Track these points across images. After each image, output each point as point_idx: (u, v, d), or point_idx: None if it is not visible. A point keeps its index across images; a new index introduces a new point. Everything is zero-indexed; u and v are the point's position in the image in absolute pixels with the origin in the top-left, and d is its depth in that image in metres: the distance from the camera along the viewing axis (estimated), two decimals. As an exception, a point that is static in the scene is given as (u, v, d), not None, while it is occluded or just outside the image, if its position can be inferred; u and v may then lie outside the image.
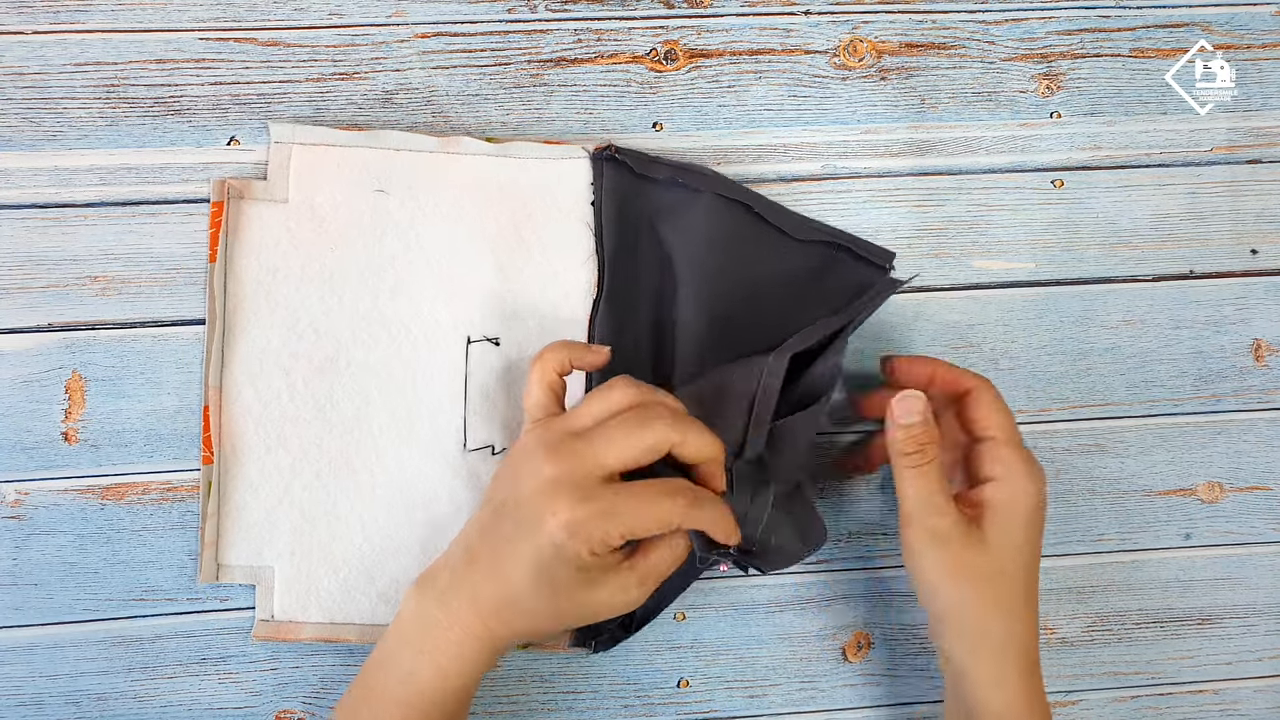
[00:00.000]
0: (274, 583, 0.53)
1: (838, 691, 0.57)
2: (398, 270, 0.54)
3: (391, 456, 0.54)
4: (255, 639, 0.53)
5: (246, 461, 0.53)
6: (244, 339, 0.53)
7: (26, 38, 0.54)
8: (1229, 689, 0.59)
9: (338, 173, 0.54)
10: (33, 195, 0.53)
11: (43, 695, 0.53)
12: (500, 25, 0.56)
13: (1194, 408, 0.59)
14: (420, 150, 0.54)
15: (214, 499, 0.52)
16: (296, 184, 0.54)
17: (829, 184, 0.57)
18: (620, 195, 0.55)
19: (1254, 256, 0.60)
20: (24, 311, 0.53)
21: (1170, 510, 0.59)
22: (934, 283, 0.58)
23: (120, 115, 0.54)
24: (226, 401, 0.53)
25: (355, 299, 0.54)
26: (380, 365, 0.54)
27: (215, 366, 0.53)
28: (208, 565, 0.52)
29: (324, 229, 0.54)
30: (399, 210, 0.54)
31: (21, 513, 0.53)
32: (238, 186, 0.53)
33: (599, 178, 0.55)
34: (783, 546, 0.50)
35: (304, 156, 0.54)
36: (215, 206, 0.53)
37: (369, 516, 0.53)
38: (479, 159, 0.55)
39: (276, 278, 0.53)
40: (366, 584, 0.53)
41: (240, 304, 0.53)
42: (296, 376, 0.53)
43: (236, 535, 0.53)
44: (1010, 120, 0.59)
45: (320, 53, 0.55)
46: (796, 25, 0.58)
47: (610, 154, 0.55)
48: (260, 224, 0.53)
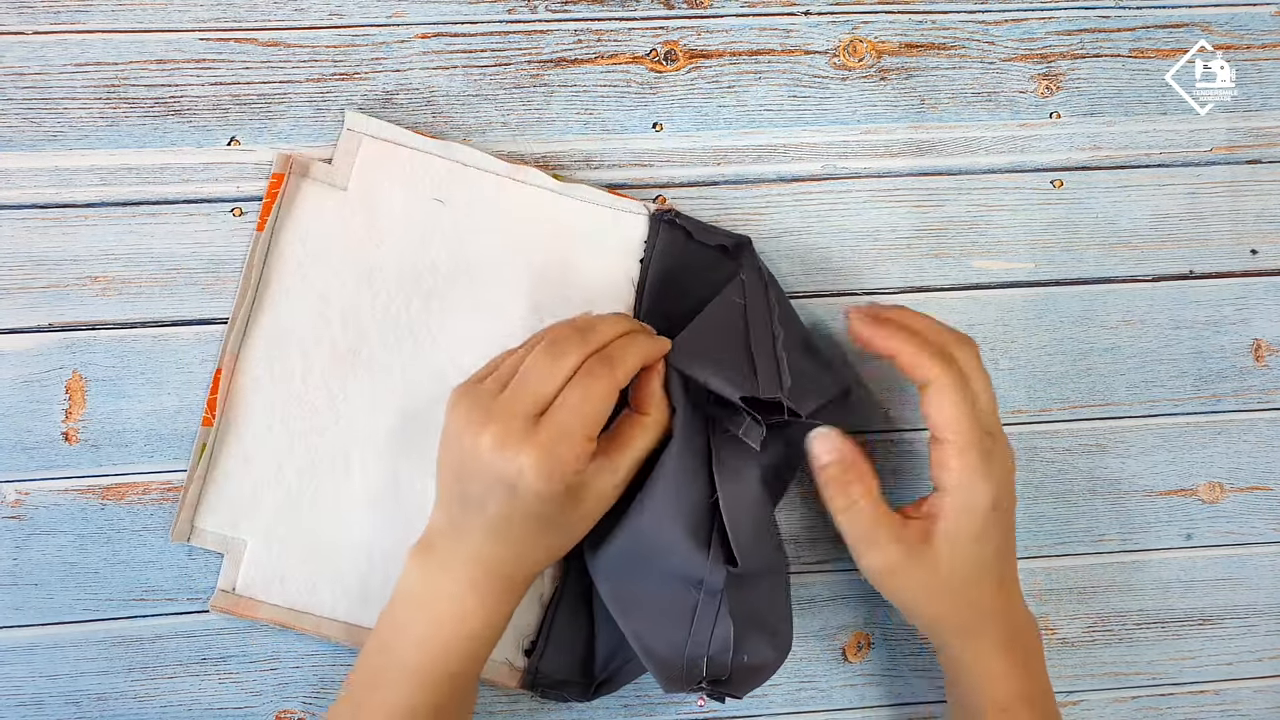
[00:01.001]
0: (243, 556, 0.53)
1: (838, 692, 0.57)
2: (436, 280, 0.54)
3: (389, 461, 0.54)
4: (211, 608, 0.53)
5: (245, 433, 0.53)
6: (270, 313, 0.53)
7: (27, 38, 0.54)
8: (1230, 689, 0.59)
9: (402, 173, 0.54)
10: (33, 195, 0.53)
11: (43, 695, 0.53)
12: (500, 25, 0.56)
13: (1194, 408, 0.59)
14: (487, 170, 0.55)
15: (204, 461, 0.52)
16: (359, 174, 0.54)
17: (829, 184, 0.58)
18: (670, 260, 0.54)
19: (1254, 256, 0.60)
20: (24, 311, 0.53)
21: (1171, 510, 0.59)
22: (934, 283, 0.58)
23: (120, 115, 0.54)
24: (239, 370, 0.53)
25: (389, 298, 0.54)
26: (399, 369, 0.54)
27: (237, 333, 0.53)
28: (182, 524, 0.52)
29: (374, 224, 0.54)
30: (451, 223, 0.54)
31: (22, 513, 0.53)
32: (302, 163, 0.54)
33: (653, 237, 0.55)
34: (753, 664, 0.49)
35: (372, 149, 0.54)
36: (275, 178, 0.53)
37: (353, 515, 0.53)
38: (541, 192, 0.55)
39: (318, 261, 0.54)
40: (333, 579, 0.53)
41: (275, 278, 0.53)
42: (314, 361, 0.53)
43: (218, 502, 0.53)
44: (1010, 120, 0.59)
45: (320, 53, 0.55)
46: (796, 25, 0.58)
47: (670, 217, 0.55)
48: (314, 205, 0.54)
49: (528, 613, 0.54)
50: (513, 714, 0.55)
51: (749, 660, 0.49)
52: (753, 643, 0.49)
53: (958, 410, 0.47)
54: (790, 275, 0.57)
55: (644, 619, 0.49)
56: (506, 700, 0.55)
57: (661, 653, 0.49)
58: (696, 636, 0.48)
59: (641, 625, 0.49)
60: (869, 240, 0.58)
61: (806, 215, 0.57)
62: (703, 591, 0.48)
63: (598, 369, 0.46)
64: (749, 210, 0.57)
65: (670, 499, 0.48)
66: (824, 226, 0.57)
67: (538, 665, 0.53)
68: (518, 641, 0.54)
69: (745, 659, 0.49)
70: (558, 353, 0.47)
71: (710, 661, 0.48)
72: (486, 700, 0.55)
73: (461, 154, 0.54)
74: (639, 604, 0.50)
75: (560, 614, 0.53)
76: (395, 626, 0.48)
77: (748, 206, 0.57)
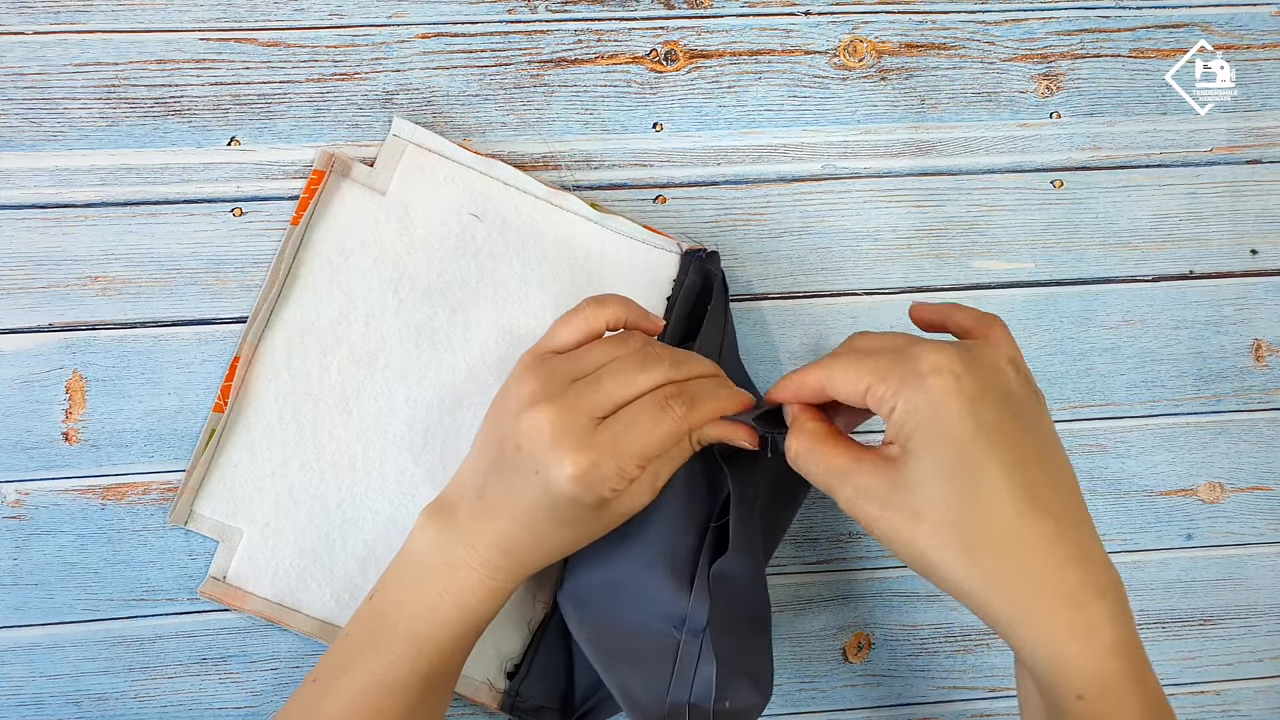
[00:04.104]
0: (238, 545, 0.53)
1: (838, 692, 0.57)
2: (463, 294, 0.54)
3: (395, 469, 0.54)
4: (201, 594, 0.53)
5: (255, 424, 0.53)
6: (295, 308, 0.53)
7: (27, 38, 0.54)
8: (1230, 689, 0.59)
9: (442, 184, 0.54)
10: (33, 195, 0.53)
11: (43, 695, 0.53)
12: (500, 25, 0.56)
13: (1195, 408, 0.59)
14: (527, 191, 0.55)
15: (210, 448, 0.53)
16: (400, 181, 0.54)
17: (829, 184, 0.58)
18: (695, 297, 0.55)
19: (1254, 256, 0.60)
20: (24, 312, 0.53)
21: (1171, 510, 0.59)
22: (934, 283, 0.58)
23: (120, 115, 0.54)
24: (257, 360, 0.53)
25: (414, 307, 0.54)
26: (416, 377, 0.54)
27: (259, 324, 0.53)
28: (181, 507, 0.53)
29: (409, 232, 0.54)
30: (485, 239, 0.55)
31: (22, 513, 0.53)
32: (344, 163, 0.54)
33: (683, 275, 0.55)
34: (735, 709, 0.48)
35: (415, 158, 0.54)
36: (316, 174, 0.54)
37: (353, 517, 0.53)
38: (577, 220, 0.55)
39: (348, 261, 0.54)
40: (325, 579, 0.53)
41: (304, 273, 0.54)
42: (332, 360, 0.53)
43: (219, 489, 0.53)
44: (1010, 120, 0.59)
45: (321, 53, 0.55)
46: (796, 25, 0.58)
47: (701, 255, 0.55)
48: (352, 206, 0.54)
49: (514, 636, 0.54)
50: (513, 714, 0.55)
51: (730, 706, 0.48)
52: (735, 688, 0.48)
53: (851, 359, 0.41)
54: (790, 275, 0.57)
55: (625, 665, 0.49)
56: None
57: (642, 698, 0.48)
58: (679, 680, 0.48)
59: (624, 672, 0.49)
60: (869, 240, 0.58)
61: (806, 215, 0.57)
62: (685, 632, 0.48)
63: (677, 406, 0.45)
64: (749, 210, 0.57)
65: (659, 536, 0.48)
66: (824, 226, 0.57)
67: (518, 689, 0.53)
68: (500, 663, 0.54)
69: (728, 705, 0.48)
70: (646, 366, 0.45)
71: (693, 709, 0.48)
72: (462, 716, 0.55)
73: (503, 173, 0.55)
74: (621, 649, 0.49)
75: (546, 641, 0.53)
76: (400, 586, 0.47)
77: (748, 206, 0.57)
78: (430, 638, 0.46)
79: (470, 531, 0.46)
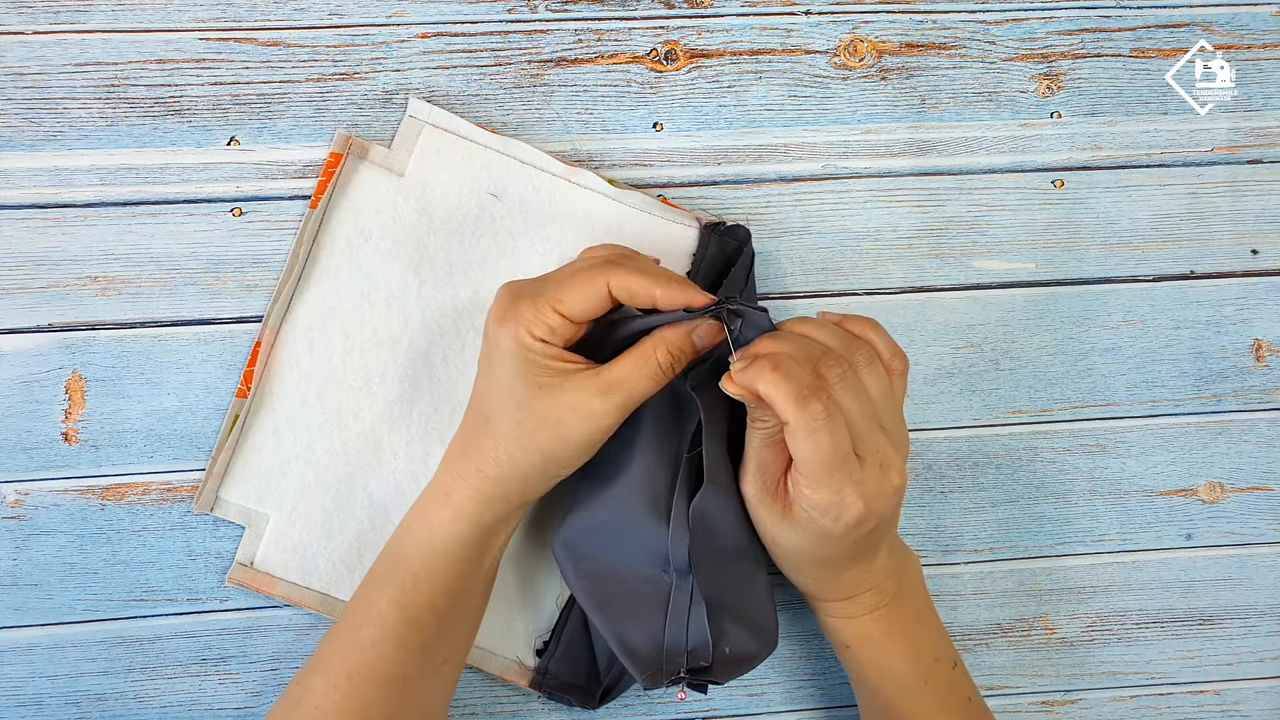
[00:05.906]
0: (265, 531, 0.53)
1: (837, 690, 0.57)
2: (484, 274, 0.54)
3: (420, 449, 0.54)
4: (229, 581, 0.53)
5: (279, 408, 0.53)
6: (316, 291, 0.54)
7: (26, 38, 0.54)
8: (1230, 690, 0.59)
9: (460, 164, 0.54)
10: (33, 195, 0.53)
11: (43, 695, 0.53)
12: (500, 25, 0.56)
13: (1195, 408, 0.59)
14: (544, 169, 0.55)
15: (235, 433, 0.53)
16: (418, 162, 0.54)
17: (829, 184, 0.57)
18: (716, 271, 0.55)
19: (1254, 257, 0.60)
20: (24, 312, 0.53)
21: (1171, 510, 0.59)
22: (934, 283, 0.58)
23: (120, 115, 0.54)
24: (279, 345, 0.53)
25: (435, 288, 0.54)
26: (439, 358, 0.54)
27: (280, 309, 0.53)
28: (207, 494, 0.53)
29: (428, 212, 0.54)
30: (504, 218, 0.55)
31: (21, 513, 0.53)
32: (361, 145, 0.54)
33: (702, 249, 0.55)
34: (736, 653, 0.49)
35: (432, 139, 0.54)
36: (333, 157, 0.54)
37: (379, 499, 0.53)
38: (595, 196, 0.55)
39: (368, 244, 0.54)
40: (354, 562, 0.53)
41: (324, 256, 0.54)
42: (355, 343, 0.54)
43: (245, 474, 0.53)
44: (1010, 120, 0.59)
45: (320, 53, 0.55)
46: (797, 25, 0.58)
47: (720, 228, 0.55)
48: (370, 188, 0.54)
49: (542, 613, 0.54)
50: (514, 714, 0.55)
51: (731, 652, 0.49)
52: (733, 634, 0.49)
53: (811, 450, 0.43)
54: (790, 275, 0.57)
55: (622, 614, 0.49)
56: (507, 700, 0.55)
57: (640, 647, 0.49)
58: (674, 625, 0.48)
59: (620, 621, 0.49)
60: (869, 240, 0.58)
61: (806, 215, 0.57)
62: (672, 571, 0.48)
63: (599, 265, 0.46)
64: (749, 210, 0.57)
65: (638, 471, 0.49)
66: (824, 226, 0.57)
67: (548, 665, 0.53)
68: (530, 641, 0.54)
69: (727, 650, 0.49)
70: (588, 258, 0.48)
71: (691, 655, 0.48)
72: (495, 696, 0.55)
73: (520, 151, 0.55)
74: (616, 596, 0.49)
75: (574, 616, 0.54)
76: (401, 529, 0.49)
77: (748, 206, 0.57)
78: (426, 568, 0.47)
79: (451, 455, 0.49)
